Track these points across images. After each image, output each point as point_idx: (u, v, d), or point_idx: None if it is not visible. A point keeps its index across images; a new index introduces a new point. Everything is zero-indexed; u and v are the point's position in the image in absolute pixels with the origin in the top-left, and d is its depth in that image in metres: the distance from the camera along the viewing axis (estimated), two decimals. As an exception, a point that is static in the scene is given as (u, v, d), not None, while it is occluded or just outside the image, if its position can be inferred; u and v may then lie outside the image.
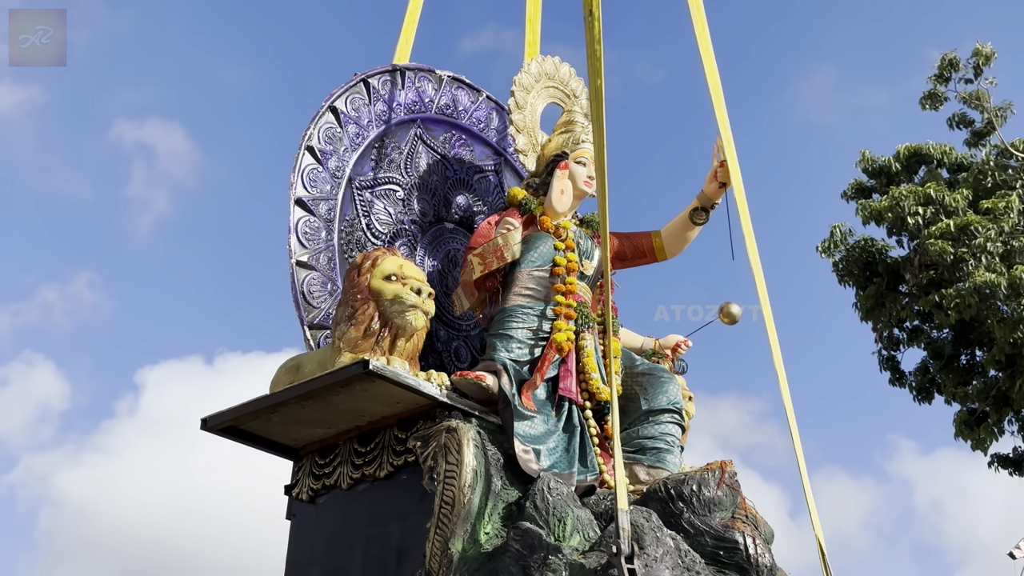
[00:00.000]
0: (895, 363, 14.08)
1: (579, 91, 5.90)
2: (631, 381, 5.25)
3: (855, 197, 14.03)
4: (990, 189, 12.87)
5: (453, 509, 4.36)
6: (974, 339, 13.35)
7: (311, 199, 5.30)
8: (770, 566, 4.37)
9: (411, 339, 4.70)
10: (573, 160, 5.44)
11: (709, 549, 4.37)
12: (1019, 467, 13.44)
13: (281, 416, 4.90)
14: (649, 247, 5.55)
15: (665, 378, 5.24)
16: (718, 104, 5.26)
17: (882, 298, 13.40)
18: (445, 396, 4.65)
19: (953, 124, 13.89)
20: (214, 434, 5.07)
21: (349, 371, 4.52)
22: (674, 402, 5.17)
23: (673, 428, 5.14)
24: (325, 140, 5.43)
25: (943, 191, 12.52)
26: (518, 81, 5.71)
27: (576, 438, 4.91)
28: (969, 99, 13.42)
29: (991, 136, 13.64)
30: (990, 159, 13.21)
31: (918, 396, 13.93)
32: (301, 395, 4.70)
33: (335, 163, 5.44)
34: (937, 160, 13.78)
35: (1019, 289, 11.66)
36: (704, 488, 4.51)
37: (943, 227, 12.07)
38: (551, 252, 5.19)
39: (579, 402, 5.04)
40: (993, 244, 11.84)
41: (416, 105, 5.88)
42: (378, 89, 5.71)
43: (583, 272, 5.32)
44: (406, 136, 5.81)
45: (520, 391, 4.83)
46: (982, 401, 13.18)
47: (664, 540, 4.16)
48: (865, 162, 13.94)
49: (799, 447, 4.92)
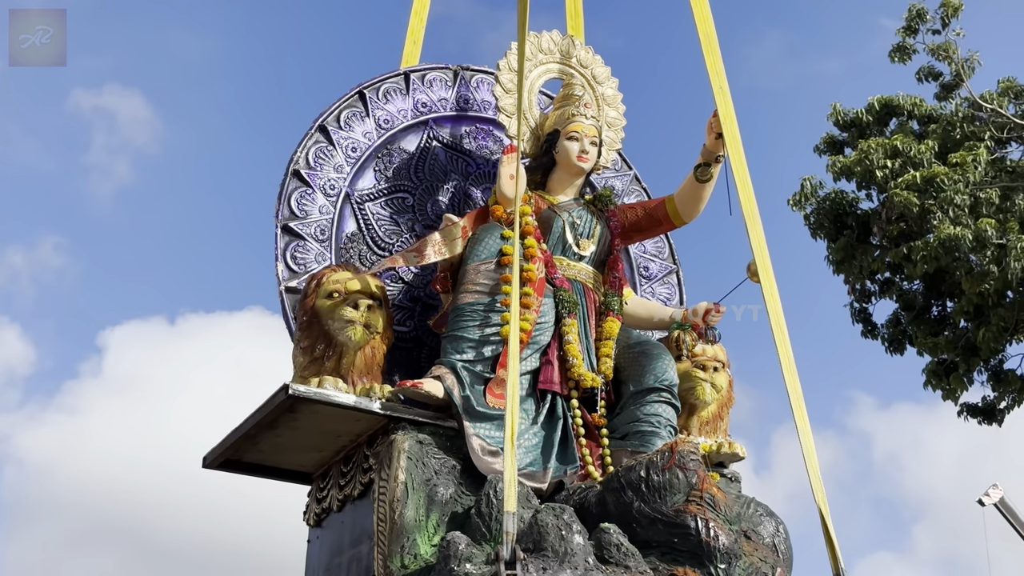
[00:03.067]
0: (867, 315, 14.15)
1: (588, 61, 5.65)
2: (624, 361, 5.00)
3: (827, 151, 14.03)
4: (959, 141, 12.88)
5: (387, 526, 4.26)
6: (944, 290, 13.43)
7: (299, 223, 5.16)
8: (728, 547, 4.11)
9: (358, 354, 4.62)
10: (565, 136, 5.24)
11: (663, 537, 4.16)
12: (988, 416, 13.58)
13: (268, 445, 4.89)
14: (664, 214, 5.33)
15: (654, 354, 4.96)
16: (711, 50, 5.12)
17: (853, 251, 13.43)
18: (382, 408, 4.52)
19: (922, 77, 13.86)
20: (220, 470, 5.13)
21: (274, 400, 4.53)
22: (661, 379, 4.86)
23: (661, 408, 4.84)
24: (314, 161, 5.28)
25: (910, 143, 12.53)
26: (506, 63, 5.39)
27: (558, 431, 4.76)
28: (937, 51, 13.38)
29: (960, 88, 13.62)
30: (959, 111, 13.20)
31: (890, 348, 14.02)
32: (258, 424, 4.71)
33: (326, 182, 5.27)
34: (908, 112, 13.76)
35: (984, 241, 11.71)
36: (653, 473, 4.23)
37: (909, 179, 12.09)
38: (498, 243, 4.88)
39: (563, 392, 4.87)
40: (960, 197, 11.87)
41: (425, 107, 5.63)
42: (376, 99, 5.51)
43: (579, 253, 5.14)
44: (416, 139, 5.58)
45: (486, 390, 4.68)
46: (952, 351, 13.28)
47: (571, 539, 3.92)
48: (836, 115, 13.93)
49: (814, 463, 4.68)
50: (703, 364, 5.21)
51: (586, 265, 5.17)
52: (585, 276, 5.16)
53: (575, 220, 5.19)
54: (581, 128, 5.23)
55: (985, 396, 13.66)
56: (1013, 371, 13.30)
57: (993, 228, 11.78)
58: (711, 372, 5.19)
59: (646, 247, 6.01)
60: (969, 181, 11.98)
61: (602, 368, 4.93)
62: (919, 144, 12.60)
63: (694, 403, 5.18)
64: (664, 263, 6.08)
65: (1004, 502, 12.90)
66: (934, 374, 13.39)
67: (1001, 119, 13.00)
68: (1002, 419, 13.58)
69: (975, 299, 12.42)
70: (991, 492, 13.07)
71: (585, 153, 5.22)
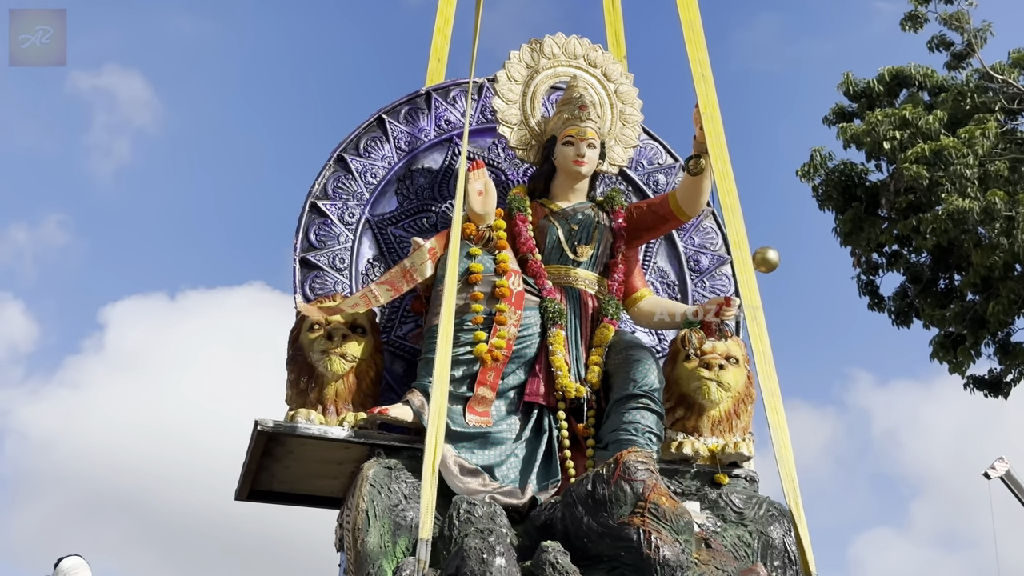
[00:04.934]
0: (874, 288, 14.12)
1: (598, 61, 5.47)
2: (611, 367, 4.91)
3: (836, 121, 13.95)
4: (969, 112, 12.79)
5: (352, 554, 4.25)
6: (952, 263, 13.38)
7: (316, 254, 5.15)
8: (670, 559, 4.03)
9: (338, 384, 4.70)
10: (561, 141, 5.13)
11: (611, 551, 4.11)
12: (994, 388, 13.57)
13: (284, 475, 4.94)
14: (668, 211, 5.16)
15: (635, 359, 4.83)
16: (695, 39, 5.08)
17: (861, 223, 13.39)
18: (355, 435, 4.58)
19: (933, 47, 13.75)
20: (252, 501, 5.15)
21: (252, 435, 4.63)
22: (640, 385, 4.74)
23: (639, 414, 4.71)
24: (332, 191, 5.26)
25: (920, 114, 12.44)
26: (506, 73, 5.31)
27: (542, 445, 4.74)
28: (949, 20, 13.27)
29: (971, 59, 13.51)
30: (970, 81, 13.10)
31: (896, 320, 14.00)
32: (261, 456, 4.80)
33: (345, 210, 5.22)
34: (919, 83, 13.66)
35: (993, 214, 11.65)
36: (600, 486, 4.18)
37: (918, 151, 12.02)
38: (465, 262, 4.79)
39: (550, 404, 4.81)
40: (969, 169, 11.80)
41: (449, 124, 5.48)
42: (396, 122, 5.41)
43: (576, 259, 5.07)
44: (440, 157, 5.45)
45: (465, 408, 4.66)
46: (959, 324, 13.25)
47: (492, 562, 3.91)
48: (847, 84, 13.83)
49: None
50: (708, 363, 4.91)
51: (585, 271, 5.09)
52: (585, 282, 5.08)
53: (572, 226, 5.10)
54: (576, 132, 5.12)
55: (992, 369, 13.65)
56: (1020, 344, 13.27)
57: (1002, 200, 11.72)
58: (716, 370, 4.89)
59: (696, 240, 5.76)
60: (978, 153, 11.90)
61: (589, 377, 4.87)
62: (928, 115, 12.51)
63: (703, 403, 4.92)
64: (715, 255, 5.77)
65: (1010, 475, 12.86)
66: (941, 346, 13.36)
67: (1012, 90, 12.89)
68: (1008, 392, 13.56)
69: (983, 272, 12.37)
70: (997, 465, 12.99)
71: (581, 157, 5.11)
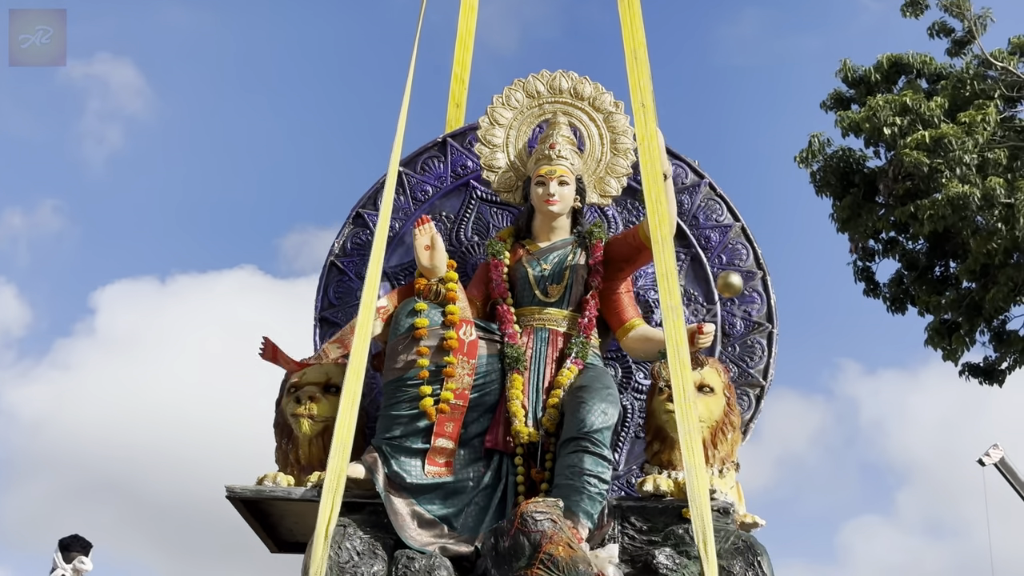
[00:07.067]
0: (870, 274, 14.13)
1: (586, 94, 5.31)
2: (565, 409, 4.78)
3: (834, 107, 13.93)
4: (968, 99, 12.78)
5: None
6: (949, 250, 13.39)
7: (333, 311, 5.32)
8: None
9: (310, 445, 4.83)
10: (534, 182, 5.07)
11: None
12: (988, 376, 13.60)
13: (297, 528, 5.03)
14: (639, 243, 5.00)
15: (580, 400, 4.68)
16: (639, 66, 4.91)
17: (858, 209, 13.39)
18: (314, 495, 4.54)
19: (933, 33, 13.74)
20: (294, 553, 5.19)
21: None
22: (580, 428, 4.58)
23: (576, 458, 4.56)
24: (350, 248, 5.41)
25: (920, 100, 12.42)
26: (486, 118, 5.27)
27: (498, 492, 4.76)
28: (949, 6, 13.26)
29: (971, 45, 13.51)
30: (970, 68, 13.10)
31: (892, 307, 14.01)
32: (259, 513, 4.96)
33: (363, 265, 5.15)
34: (917, 70, 13.65)
35: (992, 200, 11.65)
36: (501, 539, 4.23)
37: (919, 138, 12.00)
38: (411, 319, 4.79)
39: (508, 450, 4.79)
40: (969, 156, 11.80)
41: (466, 168, 5.47)
42: (413, 173, 5.45)
43: (545, 301, 5.02)
44: (457, 202, 5.47)
45: (425, 461, 4.70)
46: (955, 311, 13.27)
47: None
48: (845, 71, 13.81)
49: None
50: None
51: (557, 309, 5.02)
52: (556, 322, 5.01)
53: (544, 266, 5.06)
54: (546, 171, 5.05)
55: (987, 356, 13.68)
56: (1016, 332, 13.30)
57: (1001, 187, 11.71)
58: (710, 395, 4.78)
59: (723, 258, 5.46)
60: (978, 141, 11.89)
61: (544, 420, 4.80)
62: (928, 101, 12.50)
63: (673, 436, 4.68)
64: (745, 269, 5.50)
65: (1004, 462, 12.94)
66: (936, 333, 13.38)
67: (1011, 78, 12.89)
68: (1003, 379, 13.59)
69: (982, 259, 12.38)
70: (991, 452, 13.11)
71: (552, 196, 5.02)
